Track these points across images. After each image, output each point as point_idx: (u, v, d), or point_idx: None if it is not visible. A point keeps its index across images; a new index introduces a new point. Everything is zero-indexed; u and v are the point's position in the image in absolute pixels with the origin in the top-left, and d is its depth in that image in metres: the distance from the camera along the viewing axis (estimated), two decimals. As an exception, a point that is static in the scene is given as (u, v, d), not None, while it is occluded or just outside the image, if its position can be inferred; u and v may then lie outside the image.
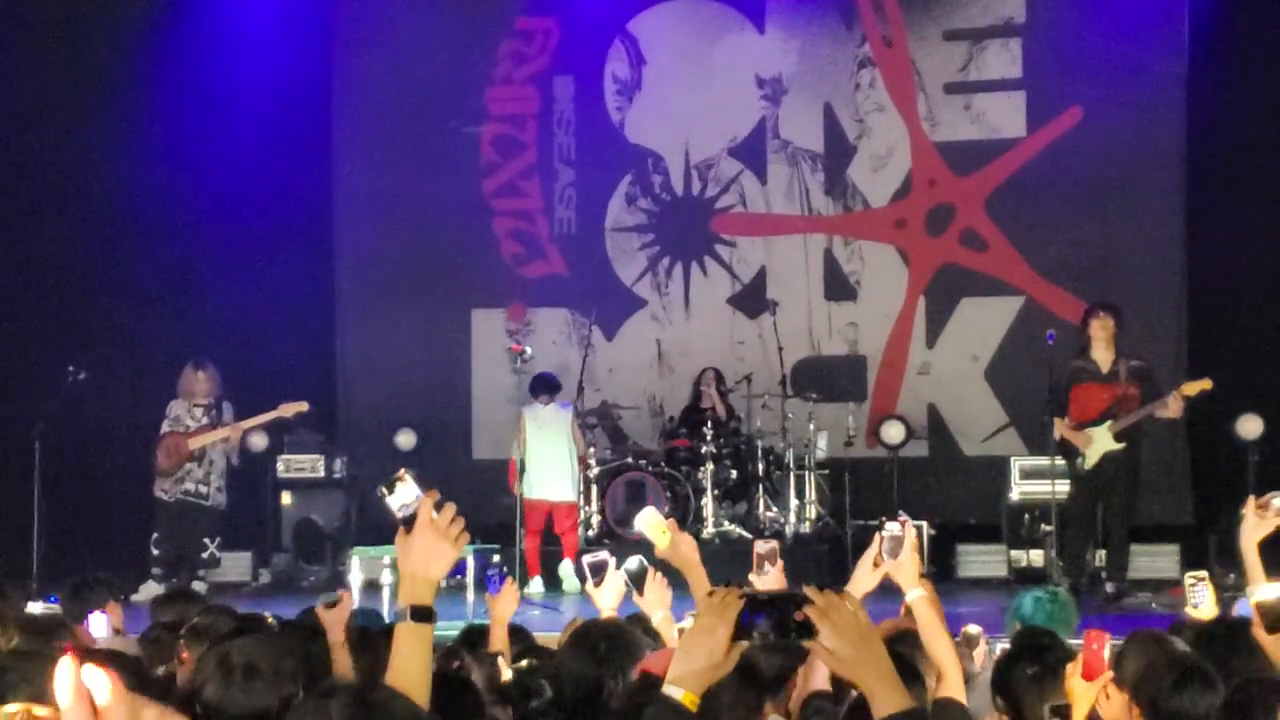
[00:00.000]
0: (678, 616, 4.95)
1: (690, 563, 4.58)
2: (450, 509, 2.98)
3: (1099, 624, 4.92)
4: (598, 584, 5.03)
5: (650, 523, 4.64)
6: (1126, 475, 10.97)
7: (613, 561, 5.01)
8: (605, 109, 14.96)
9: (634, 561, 4.99)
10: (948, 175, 14.31)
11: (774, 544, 4.82)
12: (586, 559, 5.03)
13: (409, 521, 2.94)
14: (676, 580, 4.81)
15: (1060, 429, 11.07)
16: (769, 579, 4.67)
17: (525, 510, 12.12)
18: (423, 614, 2.91)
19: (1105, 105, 13.77)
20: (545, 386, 12.59)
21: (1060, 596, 6.06)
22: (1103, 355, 10.99)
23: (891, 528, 4.35)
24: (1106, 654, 4.00)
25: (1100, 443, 10.82)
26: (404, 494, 2.97)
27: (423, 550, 2.92)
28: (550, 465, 12.36)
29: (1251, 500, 4.97)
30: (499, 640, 5.21)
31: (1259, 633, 4.43)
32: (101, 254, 13.48)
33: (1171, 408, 10.71)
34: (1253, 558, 4.91)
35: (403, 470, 3.00)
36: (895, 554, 4.28)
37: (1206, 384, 10.76)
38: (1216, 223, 13.36)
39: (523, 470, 12.16)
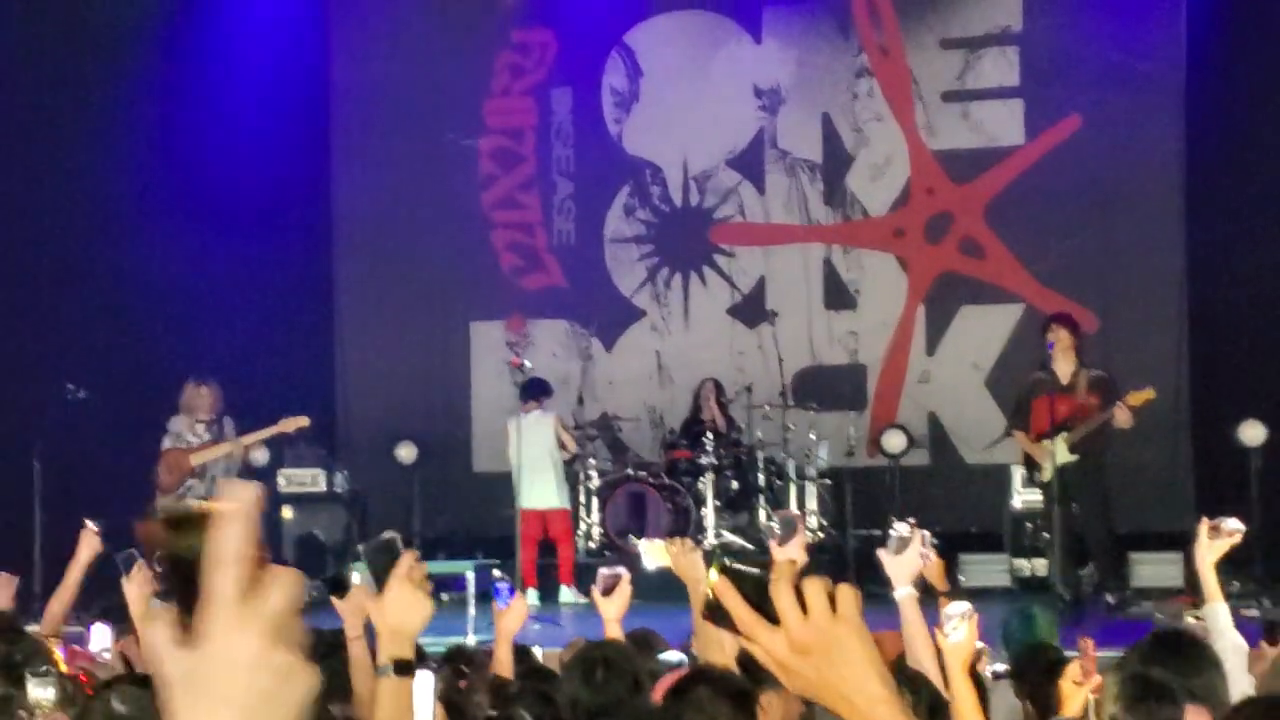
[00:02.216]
0: (675, 631, 4.95)
1: (693, 580, 4.64)
2: (422, 566, 2.97)
3: (1100, 635, 4.96)
4: (605, 594, 4.99)
5: (650, 550, 4.74)
6: (1088, 486, 10.91)
7: (627, 577, 4.99)
8: (603, 121, 14.95)
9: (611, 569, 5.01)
10: (946, 183, 14.30)
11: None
12: (604, 571, 5.02)
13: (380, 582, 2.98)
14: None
15: (1021, 442, 11.08)
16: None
17: (521, 519, 12.21)
18: (405, 668, 2.92)
19: (1103, 112, 13.75)
20: (528, 393, 12.62)
21: (1036, 615, 6.11)
22: (1063, 367, 10.96)
23: (900, 528, 4.47)
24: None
25: (1057, 454, 10.80)
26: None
27: (399, 603, 2.91)
28: (535, 474, 12.41)
29: (1204, 521, 5.04)
30: (504, 655, 5.18)
31: None
32: (100, 270, 13.47)
33: (1119, 418, 10.70)
34: (1209, 576, 4.96)
35: (393, 537, 3.05)
36: (899, 552, 4.39)
37: (1150, 394, 10.74)
38: (1216, 229, 13.35)
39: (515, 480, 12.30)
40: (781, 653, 1.66)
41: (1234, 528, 5.00)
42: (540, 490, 12.37)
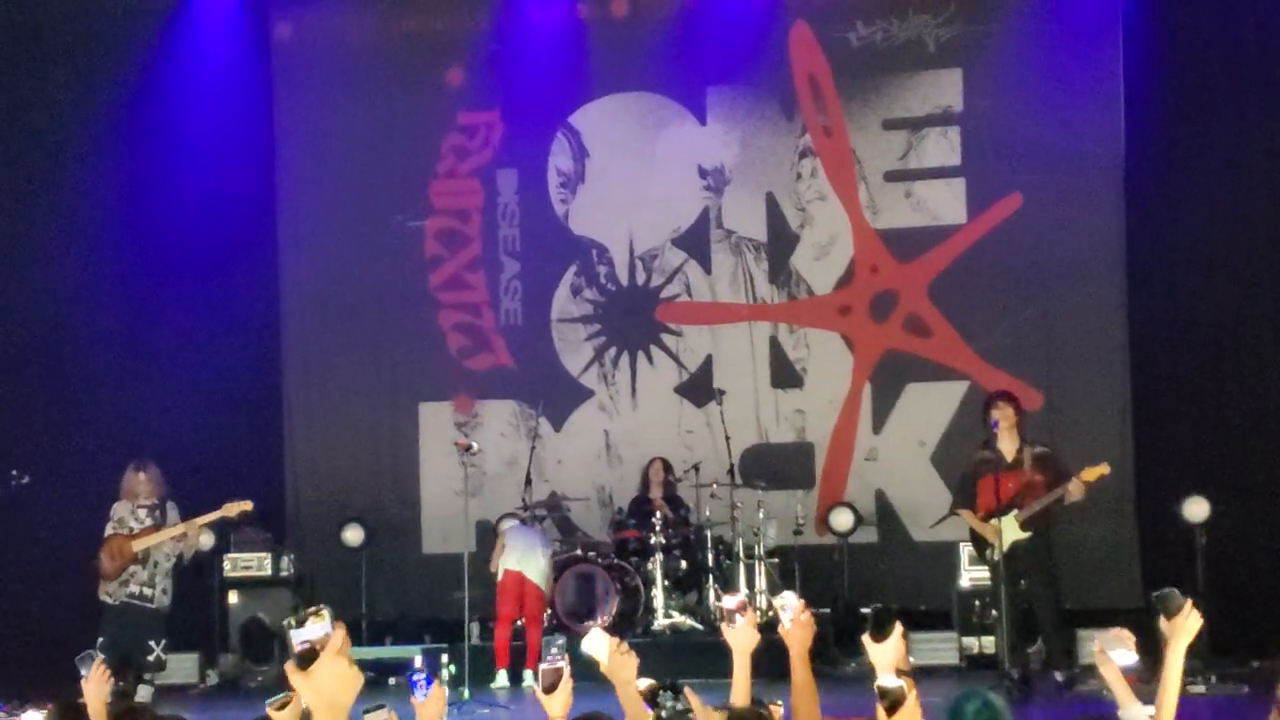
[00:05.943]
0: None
1: (621, 680, 4.68)
2: (346, 637, 3.03)
3: (1051, 715, 4.96)
4: (547, 691, 4.92)
5: (595, 640, 4.73)
6: (1039, 563, 10.95)
7: (567, 671, 4.93)
8: (549, 201, 15.01)
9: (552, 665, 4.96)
10: (890, 262, 14.41)
11: (741, 598, 5.02)
12: (543, 667, 4.96)
13: (304, 658, 2.98)
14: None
15: (969, 521, 11.11)
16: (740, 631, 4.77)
17: (499, 593, 12.30)
18: None
19: (1044, 191, 13.93)
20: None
21: (995, 703, 6.05)
22: (1007, 444, 11.02)
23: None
24: None
25: (1008, 533, 10.84)
26: (314, 630, 3.02)
27: (333, 678, 2.95)
28: (527, 552, 12.49)
29: (1097, 646, 4.89)
30: None
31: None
32: (43, 355, 13.38)
33: (1073, 493, 10.78)
34: (1119, 688, 4.80)
35: (321, 607, 3.03)
36: (880, 640, 4.49)
37: (1104, 469, 10.83)
38: (1157, 306, 13.52)
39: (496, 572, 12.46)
40: None
41: (1125, 661, 4.86)
42: (531, 562, 12.46)
